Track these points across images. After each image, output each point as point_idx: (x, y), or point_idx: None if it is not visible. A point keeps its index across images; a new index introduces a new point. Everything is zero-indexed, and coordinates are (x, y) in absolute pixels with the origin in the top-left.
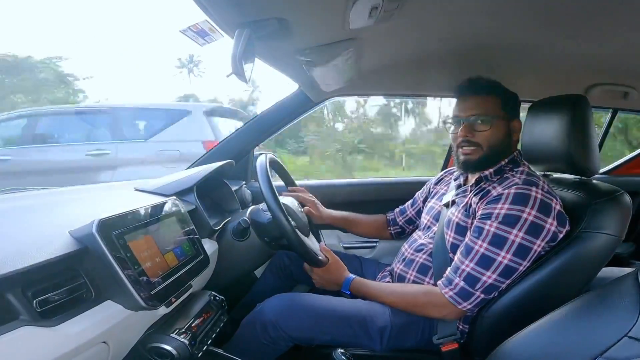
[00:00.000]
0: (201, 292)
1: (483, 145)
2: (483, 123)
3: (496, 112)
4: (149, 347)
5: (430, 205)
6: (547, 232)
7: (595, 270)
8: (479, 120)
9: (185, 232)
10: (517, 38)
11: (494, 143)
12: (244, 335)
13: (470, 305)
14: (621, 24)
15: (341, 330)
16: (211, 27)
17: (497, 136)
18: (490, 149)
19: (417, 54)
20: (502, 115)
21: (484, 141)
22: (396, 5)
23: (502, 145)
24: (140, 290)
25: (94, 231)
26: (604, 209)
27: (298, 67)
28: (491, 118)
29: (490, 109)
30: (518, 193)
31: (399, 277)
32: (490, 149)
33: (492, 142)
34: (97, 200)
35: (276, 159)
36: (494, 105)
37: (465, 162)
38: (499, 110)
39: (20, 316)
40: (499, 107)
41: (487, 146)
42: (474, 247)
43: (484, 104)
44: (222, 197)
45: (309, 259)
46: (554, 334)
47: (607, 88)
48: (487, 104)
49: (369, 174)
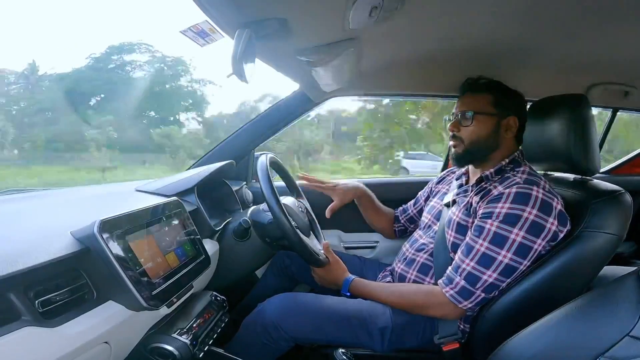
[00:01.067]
0: (202, 293)
1: (465, 140)
2: (466, 119)
3: (482, 109)
4: (151, 347)
5: (431, 205)
6: (547, 231)
7: (597, 270)
8: (465, 116)
9: (187, 233)
10: (517, 38)
11: (475, 138)
12: (245, 336)
13: (471, 305)
14: (621, 23)
15: (342, 330)
16: (211, 27)
17: (480, 132)
18: (472, 143)
19: (418, 54)
20: (489, 112)
21: (466, 136)
22: (396, 5)
23: (486, 141)
24: (142, 290)
25: (95, 232)
26: (605, 208)
27: (298, 67)
28: (474, 114)
29: (477, 105)
30: (519, 192)
31: (399, 277)
32: (472, 143)
33: (473, 138)
34: (99, 200)
35: (277, 160)
36: (483, 103)
37: (453, 155)
38: (487, 107)
39: (22, 316)
40: (488, 104)
41: (469, 141)
42: (475, 246)
43: (473, 102)
44: (223, 198)
45: (309, 259)
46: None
47: (607, 87)
48: (476, 101)
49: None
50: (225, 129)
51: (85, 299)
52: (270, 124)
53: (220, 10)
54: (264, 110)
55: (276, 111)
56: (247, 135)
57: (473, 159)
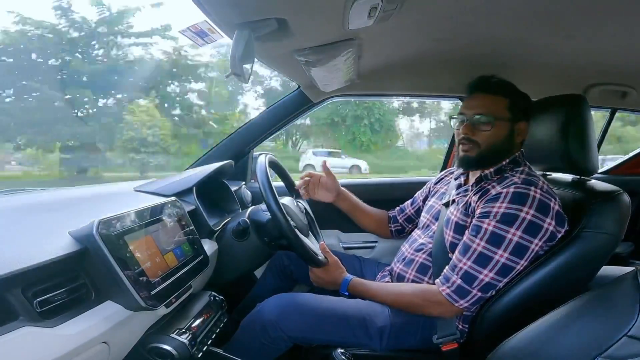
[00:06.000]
0: (201, 293)
1: (482, 145)
2: (484, 123)
3: (500, 113)
4: (149, 347)
5: (430, 204)
6: (545, 231)
7: (595, 270)
8: (481, 119)
9: (185, 233)
10: (515, 38)
11: (493, 143)
12: (243, 336)
13: (467, 304)
14: (620, 24)
15: (341, 330)
16: (210, 27)
17: (498, 137)
18: (489, 149)
19: (416, 55)
20: (506, 117)
21: (483, 141)
22: (395, 5)
23: (502, 146)
24: (140, 290)
25: (94, 232)
26: (603, 208)
27: (297, 67)
28: (494, 119)
29: (494, 109)
30: (517, 192)
31: (398, 277)
32: (489, 149)
33: (491, 143)
34: (97, 200)
35: (276, 160)
36: (499, 106)
37: (463, 158)
38: (503, 111)
39: (21, 316)
40: (504, 108)
41: (486, 146)
42: (472, 245)
43: (489, 104)
44: (221, 198)
45: (308, 259)
46: (554, 334)
47: (605, 88)
48: (492, 104)
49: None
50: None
51: (83, 299)
52: (269, 124)
53: (219, 10)
54: (262, 111)
55: (275, 111)
56: (246, 135)
57: (485, 164)
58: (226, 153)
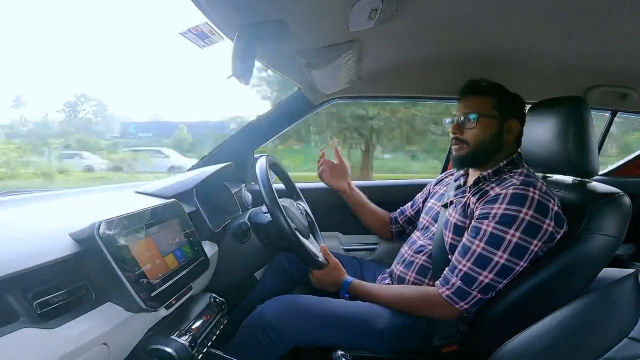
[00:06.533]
0: (201, 294)
1: (470, 143)
2: (470, 121)
3: (485, 111)
4: (149, 348)
5: (429, 206)
6: (544, 232)
7: (595, 272)
8: (468, 118)
9: (186, 234)
10: (516, 40)
11: (481, 141)
12: (244, 337)
13: (467, 305)
14: (620, 26)
15: (341, 332)
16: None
17: (485, 135)
18: (477, 146)
19: (417, 57)
20: (492, 114)
21: (471, 139)
22: (395, 7)
23: (490, 144)
24: (141, 292)
25: (94, 233)
26: (604, 210)
27: (298, 69)
28: (478, 117)
29: (479, 107)
30: (515, 193)
31: (398, 279)
32: (477, 146)
33: (479, 140)
34: (98, 202)
35: (276, 161)
36: (485, 105)
37: (455, 158)
38: (490, 110)
39: (21, 318)
40: (491, 107)
41: (475, 144)
42: (471, 246)
43: (476, 104)
44: (222, 200)
45: (308, 261)
46: (554, 336)
47: (606, 90)
48: (478, 104)
49: None
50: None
51: (83, 301)
52: (269, 126)
53: (220, 12)
54: (263, 113)
55: (276, 113)
56: (246, 137)
57: (476, 162)
58: (227, 155)
